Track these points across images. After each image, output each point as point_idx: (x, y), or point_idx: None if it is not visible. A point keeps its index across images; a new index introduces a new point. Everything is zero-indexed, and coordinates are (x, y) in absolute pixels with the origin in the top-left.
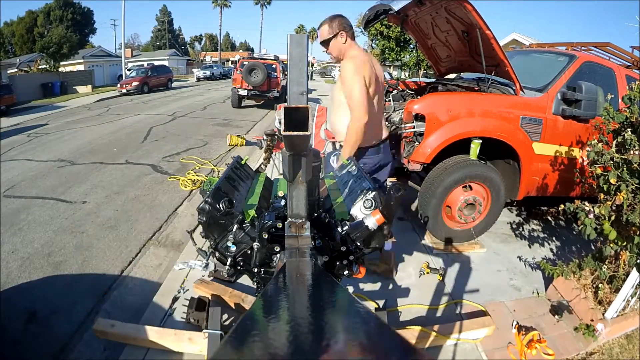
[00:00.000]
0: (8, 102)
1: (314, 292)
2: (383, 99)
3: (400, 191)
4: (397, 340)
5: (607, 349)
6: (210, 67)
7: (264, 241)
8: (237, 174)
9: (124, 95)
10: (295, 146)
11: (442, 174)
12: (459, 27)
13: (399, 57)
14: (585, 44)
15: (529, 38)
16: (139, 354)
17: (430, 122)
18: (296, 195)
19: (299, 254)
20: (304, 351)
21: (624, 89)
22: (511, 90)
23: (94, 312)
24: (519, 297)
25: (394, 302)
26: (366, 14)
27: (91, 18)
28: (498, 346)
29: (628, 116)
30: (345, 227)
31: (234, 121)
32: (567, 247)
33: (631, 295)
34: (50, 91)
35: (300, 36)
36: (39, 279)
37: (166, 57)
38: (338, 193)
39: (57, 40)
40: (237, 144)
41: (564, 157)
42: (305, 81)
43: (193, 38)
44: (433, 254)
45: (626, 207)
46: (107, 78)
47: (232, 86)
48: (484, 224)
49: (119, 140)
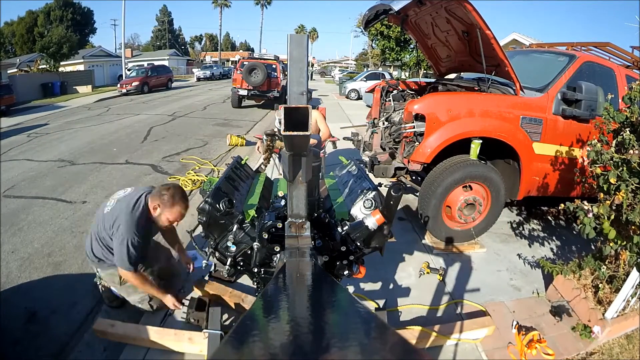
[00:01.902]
0: (8, 102)
1: (314, 293)
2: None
3: (400, 191)
4: (397, 340)
5: (607, 349)
6: (210, 67)
7: (264, 241)
8: (237, 174)
9: (124, 95)
10: (295, 146)
11: (442, 174)
12: (459, 27)
13: (399, 57)
14: (585, 44)
15: (529, 38)
16: (139, 354)
17: (430, 122)
18: (296, 195)
19: (299, 254)
20: (304, 351)
21: (624, 88)
22: (511, 90)
23: (94, 312)
24: (519, 297)
25: (394, 302)
26: (366, 14)
27: (91, 18)
28: (498, 346)
29: (628, 116)
30: (345, 227)
31: (234, 121)
32: (567, 247)
33: (631, 295)
34: (50, 91)
35: (300, 36)
36: (39, 279)
37: (166, 57)
38: (338, 193)
39: (57, 40)
40: (237, 144)
41: (564, 157)
42: (305, 81)
43: (193, 38)
44: (433, 254)
45: (626, 206)
46: (107, 78)
47: (232, 86)
48: (484, 224)
49: (119, 140)
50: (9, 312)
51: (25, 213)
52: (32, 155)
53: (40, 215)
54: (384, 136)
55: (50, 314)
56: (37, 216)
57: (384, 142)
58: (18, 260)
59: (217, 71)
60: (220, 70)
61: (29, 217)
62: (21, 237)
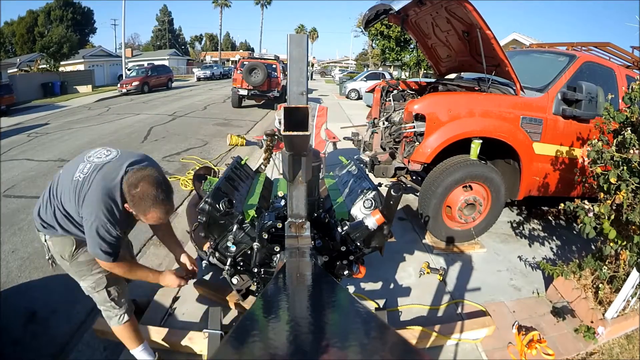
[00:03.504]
0: (8, 101)
1: (314, 292)
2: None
3: (400, 191)
4: (397, 340)
5: (607, 349)
6: (210, 67)
7: (264, 241)
8: (237, 174)
9: (124, 95)
10: (295, 146)
11: (442, 174)
12: (459, 27)
13: (399, 57)
14: (586, 44)
15: (529, 38)
16: None
17: (430, 122)
18: (296, 195)
19: (299, 254)
20: (303, 351)
21: (624, 88)
22: (511, 90)
23: (94, 312)
24: (519, 297)
25: (394, 302)
26: (366, 14)
27: (91, 18)
28: (498, 346)
29: (628, 116)
30: (345, 227)
31: (234, 121)
32: (567, 246)
33: (631, 296)
34: (50, 91)
35: (300, 36)
36: (39, 279)
37: (166, 57)
38: (338, 193)
39: (57, 40)
40: (237, 144)
41: (565, 157)
42: (305, 81)
43: (193, 38)
44: (433, 254)
45: (626, 206)
46: (107, 78)
47: (232, 86)
48: (484, 224)
49: (119, 140)
50: (9, 312)
51: (25, 213)
52: (32, 155)
53: None
54: (384, 136)
55: (50, 314)
56: None
57: (384, 142)
58: (18, 260)
59: (217, 71)
60: (221, 70)
61: (29, 217)
62: (21, 237)
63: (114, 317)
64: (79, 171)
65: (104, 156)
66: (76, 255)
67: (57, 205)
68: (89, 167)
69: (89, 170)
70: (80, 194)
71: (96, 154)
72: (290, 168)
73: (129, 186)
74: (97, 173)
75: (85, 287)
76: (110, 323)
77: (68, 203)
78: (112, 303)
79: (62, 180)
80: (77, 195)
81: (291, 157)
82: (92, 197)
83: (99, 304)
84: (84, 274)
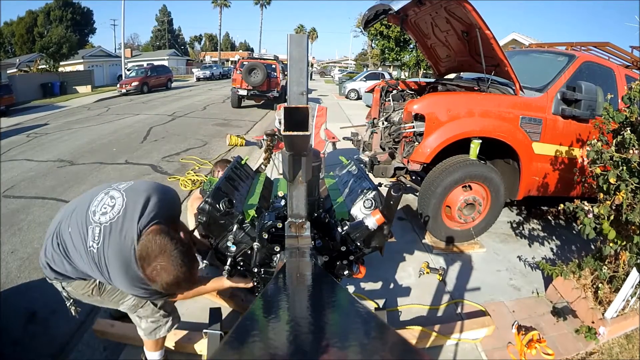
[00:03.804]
0: (8, 102)
1: (314, 292)
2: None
3: (400, 191)
4: (397, 340)
5: (607, 349)
6: (209, 67)
7: (264, 241)
8: (237, 174)
9: (124, 95)
10: (295, 146)
11: (441, 174)
12: (458, 27)
13: (398, 57)
14: (585, 44)
15: (529, 38)
16: (139, 354)
17: (430, 122)
18: (296, 195)
19: (299, 254)
20: (303, 351)
21: (623, 88)
22: (511, 90)
23: (94, 312)
24: (519, 297)
25: (394, 302)
26: (366, 14)
27: (91, 18)
28: (498, 346)
29: (628, 116)
30: (345, 227)
31: (233, 121)
32: (567, 246)
33: (631, 295)
34: (50, 91)
35: (300, 36)
36: (39, 279)
37: (166, 57)
38: (338, 193)
39: (57, 40)
40: (237, 144)
41: (564, 156)
42: (305, 81)
43: (193, 38)
44: (433, 254)
45: (625, 206)
46: (106, 78)
47: (232, 86)
48: (484, 223)
49: (118, 140)
50: (9, 313)
51: (25, 213)
52: (31, 155)
53: (40, 216)
54: (384, 136)
55: (50, 314)
56: (37, 216)
57: (384, 142)
58: (18, 260)
59: (217, 71)
60: (220, 70)
61: (29, 217)
62: (21, 237)
63: (164, 327)
64: (91, 238)
65: (109, 209)
66: (102, 286)
67: (68, 261)
68: (99, 233)
69: (100, 238)
70: (103, 269)
71: (101, 207)
72: (290, 168)
73: (141, 264)
74: (109, 245)
75: (128, 309)
76: (156, 336)
77: (83, 265)
78: (161, 312)
79: (73, 236)
80: (99, 268)
81: (291, 157)
82: (119, 283)
83: (147, 320)
84: (120, 297)
